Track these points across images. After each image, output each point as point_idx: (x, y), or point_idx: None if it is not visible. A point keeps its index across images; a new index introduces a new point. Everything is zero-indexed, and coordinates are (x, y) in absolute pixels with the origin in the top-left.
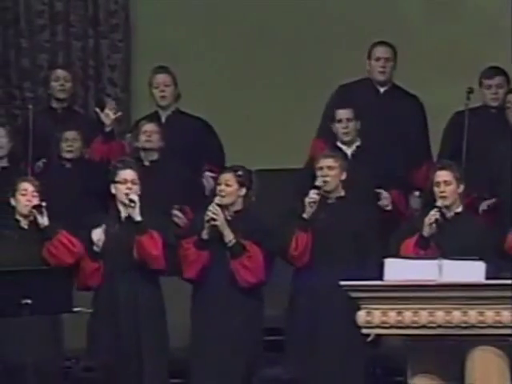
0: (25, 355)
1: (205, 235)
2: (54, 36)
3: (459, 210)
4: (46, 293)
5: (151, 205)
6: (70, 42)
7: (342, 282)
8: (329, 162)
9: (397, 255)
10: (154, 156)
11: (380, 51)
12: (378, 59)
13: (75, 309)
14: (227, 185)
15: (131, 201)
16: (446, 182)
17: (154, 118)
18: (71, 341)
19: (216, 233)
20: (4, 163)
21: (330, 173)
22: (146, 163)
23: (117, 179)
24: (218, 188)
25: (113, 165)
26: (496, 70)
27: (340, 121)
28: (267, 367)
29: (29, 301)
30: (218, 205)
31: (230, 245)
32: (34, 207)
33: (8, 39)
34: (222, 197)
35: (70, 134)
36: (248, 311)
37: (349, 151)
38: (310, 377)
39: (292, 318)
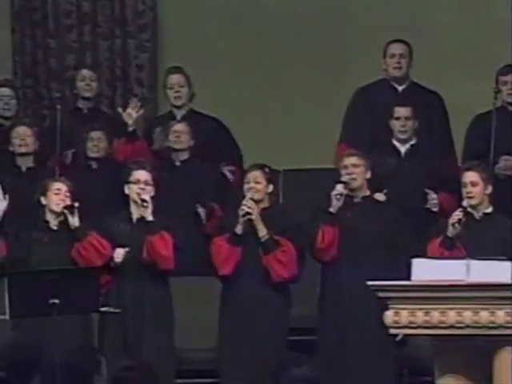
0: (54, 355)
1: (239, 230)
2: (82, 36)
3: (488, 210)
4: (73, 292)
5: (182, 204)
6: (97, 42)
7: (370, 282)
8: (353, 160)
9: (424, 256)
10: (185, 156)
11: (394, 48)
12: (392, 56)
13: (102, 308)
14: (256, 182)
15: (143, 201)
16: (472, 183)
17: (169, 117)
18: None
19: (248, 228)
20: (30, 163)
21: (355, 170)
22: (177, 163)
23: (130, 179)
24: (247, 186)
25: (128, 165)
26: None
27: (398, 118)
28: (296, 367)
29: (57, 300)
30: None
31: (264, 240)
32: (66, 207)
33: (36, 39)
34: (254, 193)
35: (96, 134)
36: (277, 309)
37: (403, 149)
38: (339, 377)
39: (320, 318)
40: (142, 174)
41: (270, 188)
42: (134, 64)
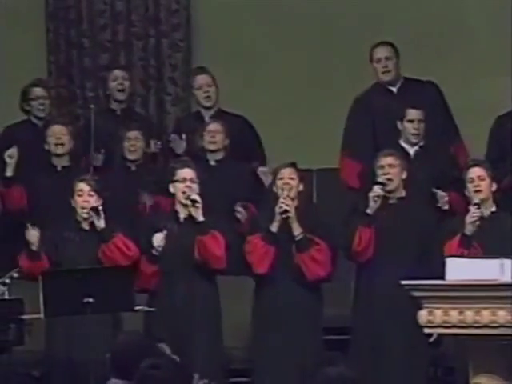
0: (87, 353)
1: (274, 228)
2: (116, 36)
3: (493, 208)
4: (107, 291)
5: (218, 204)
6: (131, 41)
7: (404, 282)
8: (389, 160)
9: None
10: (220, 155)
11: (379, 52)
12: (378, 60)
13: (137, 307)
14: (291, 178)
15: (194, 201)
16: (480, 177)
17: (196, 117)
18: None
19: (282, 227)
20: (65, 162)
21: (392, 170)
22: (212, 163)
23: (175, 178)
24: (282, 182)
25: (171, 164)
26: None
27: (412, 121)
28: (331, 366)
29: (91, 299)
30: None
31: (298, 238)
32: (92, 209)
33: (70, 39)
34: (289, 190)
35: (133, 134)
36: (311, 308)
37: (411, 151)
38: (373, 376)
39: (355, 318)
40: (187, 173)
41: (301, 187)
42: (168, 63)
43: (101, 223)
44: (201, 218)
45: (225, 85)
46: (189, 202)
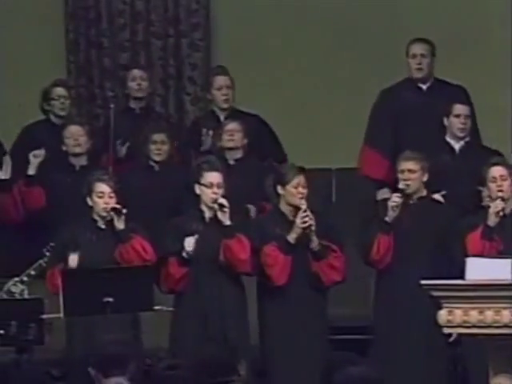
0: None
1: (293, 240)
2: (135, 35)
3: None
4: (127, 291)
5: (237, 203)
6: (150, 41)
7: (423, 281)
8: (410, 164)
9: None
10: (238, 154)
11: (415, 48)
12: (413, 56)
13: (156, 307)
14: (304, 187)
15: (222, 205)
16: (502, 177)
17: (211, 117)
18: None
19: (303, 236)
20: (83, 162)
21: (412, 176)
22: (231, 162)
23: (202, 182)
24: (300, 191)
25: (198, 164)
26: None
27: (458, 116)
28: (350, 366)
29: (111, 299)
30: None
31: (317, 249)
32: (113, 209)
33: (90, 39)
34: (306, 200)
35: (159, 137)
36: (320, 309)
37: (457, 146)
38: (393, 376)
39: (375, 318)
40: (214, 177)
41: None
42: (187, 63)
43: (120, 224)
44: (227, 222)
45: (243, 83)
46: (216, 206)
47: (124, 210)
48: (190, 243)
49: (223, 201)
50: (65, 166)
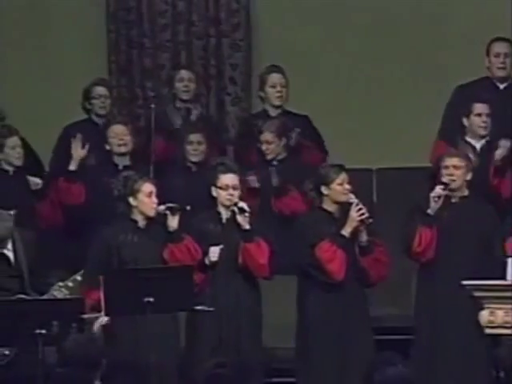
0: (148, 354)
1: (348, 234)
2: (176, 35)
3: None
4: (168, 291)
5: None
6: (191, 41)
7: (465, 282)
8: (455, 161)
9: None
10: (280, 156)
11: (499, 47)
12: (497, 55)
13: (197, 307)
14: (349, 183)
15: (242, 210)
16: None
17: (263, 116)
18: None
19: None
20: (127, 161)
21: (456, 172)
22: (275, 163)
23: (218, 184)
24: (346, 187)
25: (213, 166)
26: None
27: (479, 115)
28: (390, 366)
29: (151, 299)
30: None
31: (365, 244)
32: (169, 208)
33: (131, 39)
34: (353, 196)
35: (196, 137)
36: (366, 309)
37: (478, 145)
38: (434, 376)
39: (416, 318)
40: (229, 179)
41: None
42: (228, 63)
43: (174, 223)
44: (247, 227)
45: None
46: (236, 210)
47: (188, 207)
48: (215, 253)
49: (244, 205)
50: (108, 165)
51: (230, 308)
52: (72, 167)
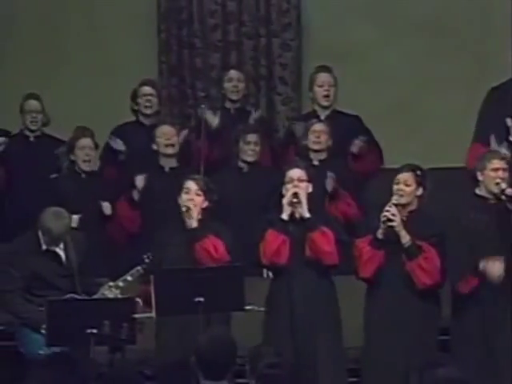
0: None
1: (380, 235)
2: (227, 35)
3: None
4: (218, 291)
5: (320, 203)
6: (242, 41)
7: None
8: (496, 163)
9: None
10: (323, 156)
11: None
12: None
13: (247, 307)
14: (406, 184)
15: (295, 195)
16: None
17: (313, 116)
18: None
19: (392, 232)
20: (173, 163)
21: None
22: (315, 163)
23: (285, 180)
24: (396, 187)
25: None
26: None
27: None
28: (440, 367)
29: (202, 299)
30: (395, 205)
31: (406, 246)
32: (204, 209)
33: (182, 39)
34: (400, 196)
35: (253, 137)
36: (424, 313)
37: None
38: (480, 377)
39: (455, 318)
40: (294, 172)
41: (420, 191)
42: (278, 63)
43: (192, 223)
44: (307, 215)
45: None
46: (294, 200)
47: (211, 205)
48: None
49: (298, 190)
50: (154, 167)
51: (304, 305)
52: (135, 197)
